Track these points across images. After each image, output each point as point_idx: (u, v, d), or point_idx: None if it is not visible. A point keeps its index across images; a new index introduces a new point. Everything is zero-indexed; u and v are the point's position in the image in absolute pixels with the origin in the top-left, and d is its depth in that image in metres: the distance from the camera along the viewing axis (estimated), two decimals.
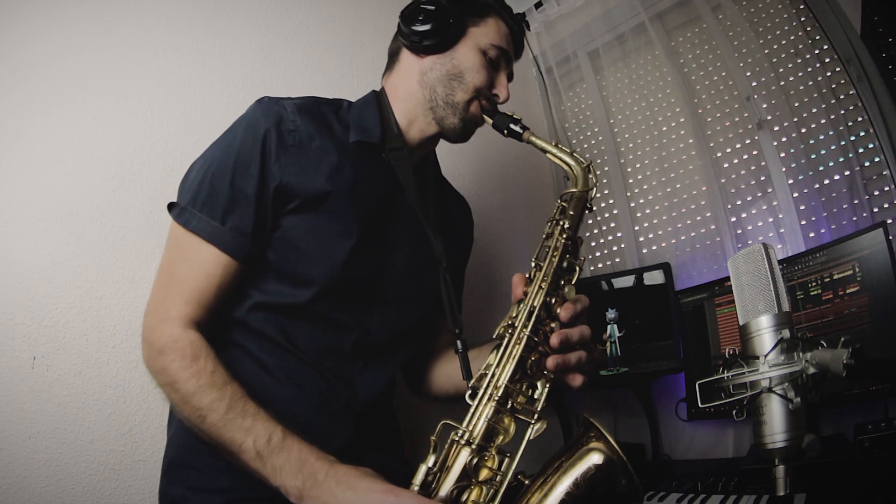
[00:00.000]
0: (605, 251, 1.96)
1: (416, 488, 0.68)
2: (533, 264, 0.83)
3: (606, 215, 1.96)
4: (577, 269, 0.83)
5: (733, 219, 1.63)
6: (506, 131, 0.95)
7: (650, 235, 1.85)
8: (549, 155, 0.93)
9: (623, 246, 1.88)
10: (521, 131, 0.95)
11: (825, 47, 1.49)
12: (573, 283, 0.82)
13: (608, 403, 1.77)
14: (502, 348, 0.77)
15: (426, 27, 0.94)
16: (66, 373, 0.99)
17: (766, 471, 0.66)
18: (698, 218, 1.72)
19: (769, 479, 0.65)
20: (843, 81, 1.45)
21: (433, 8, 0.94)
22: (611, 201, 1.95)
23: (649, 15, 1.82)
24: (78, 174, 1.06)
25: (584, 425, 0.77)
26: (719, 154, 1.70)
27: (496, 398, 0.74)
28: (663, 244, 1.79)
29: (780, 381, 0.64)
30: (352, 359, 0.90)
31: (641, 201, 1.87)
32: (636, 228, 1.86)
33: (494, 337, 0.79)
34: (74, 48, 1.10)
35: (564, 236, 0.83)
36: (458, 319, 0.93)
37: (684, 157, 1.77)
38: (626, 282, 1.67)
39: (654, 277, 1.63)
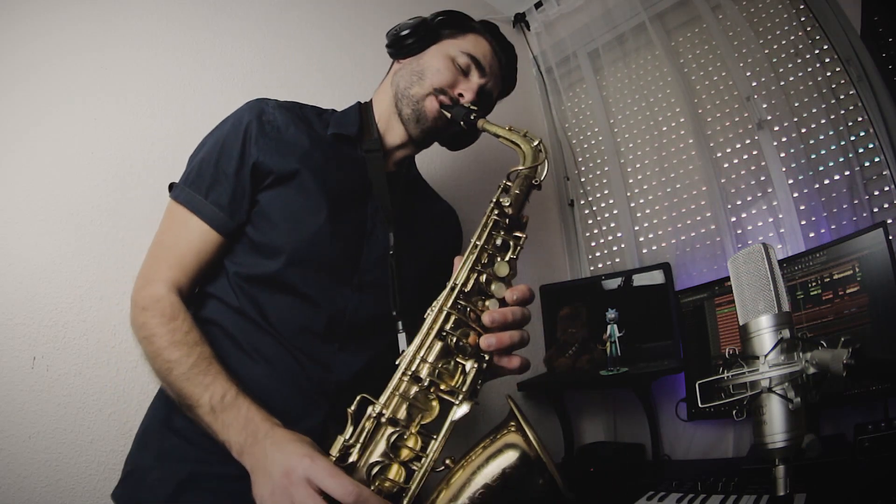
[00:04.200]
0: (605, 251, 1.96)
1: (334, 459, 0.69)
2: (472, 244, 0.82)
3: (606, 215, 1.96)
4: (514, 246, 0.82)
5: (733, 219, 1.63)
6: (462, 122, 0.96)
7: (650, 235, 1.85)
8: (501, 140, 0.92)
9: (623, 246, 1.88)
10: (475, 120, 0.94)
11: (825, 47, 1.49)
12: (507, 259, 0.81)
13: (608, 403, 1.77)
14: (424, 326, 0.76)
15: (405, 32, 1.03)
16: (66, 373, 0.99)
17: (766, 471, 0.66)
18: (698, 218, 1.72)
19: (769, 479, 0.65)
20: (843, 81, 1.45)
21: (417, 19, 1.04)
22: (611, 201, 1.95)
23: (649, 15, 1.82)
24: (78, 174, 1.06)
25: (508, 412, 0.74)
26: (719, 154, 1.70)
27: (411, 374, 0.73)
28: (663, 244, 1.79)
29: (780, 381, 0.64)
30: (325, 338, 0.90)
31: (641, 201, 1.87)
32: (636, 228, 1.86)
33: (424, 317, 0.78)
34: (74, 48, 1.10)
35: (496, 212, 0.82)
36: (398, 301, 0.94)
37: (684, 157, 1.77)
38: (626, 282, 1.67)
39: (653, 277, 1.63)
